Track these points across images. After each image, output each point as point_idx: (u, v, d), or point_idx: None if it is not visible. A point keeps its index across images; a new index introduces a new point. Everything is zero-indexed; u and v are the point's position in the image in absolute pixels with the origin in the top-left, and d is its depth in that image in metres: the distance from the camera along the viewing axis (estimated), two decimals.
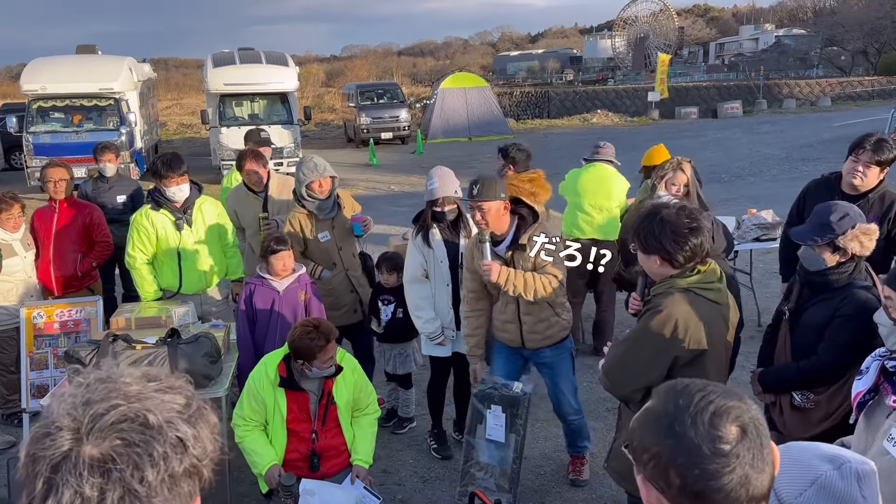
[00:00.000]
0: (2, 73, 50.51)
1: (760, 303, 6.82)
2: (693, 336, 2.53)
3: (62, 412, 0.95)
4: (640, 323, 2.64)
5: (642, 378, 2.57)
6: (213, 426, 1.05)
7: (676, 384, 1.27)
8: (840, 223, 3.02)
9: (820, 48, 51.04)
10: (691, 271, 2.59)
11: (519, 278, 3.73)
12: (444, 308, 4.37)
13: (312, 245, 4.76)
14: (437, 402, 4.71)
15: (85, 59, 17.95)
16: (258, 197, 5.49)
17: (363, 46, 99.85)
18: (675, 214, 2.54)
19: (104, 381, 0.99)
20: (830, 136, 20.22)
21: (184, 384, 1.06)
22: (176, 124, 35.53)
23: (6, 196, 5.10)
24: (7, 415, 5.20)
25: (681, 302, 2.54)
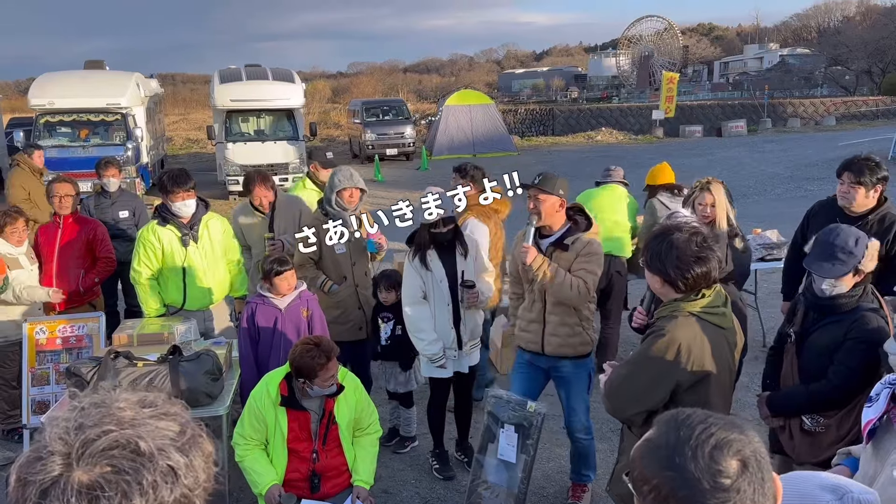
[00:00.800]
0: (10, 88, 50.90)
1: (766, 323, 6.78)
2: (696, 361, 2.50)
3: (54, 436, 0.94)
4: (643, 346, 2.62)
5: (644, 402, 2.54)
6: (208, 455, 1.03)
7: (678, 414, 1.25)
8: (858, 248, 3.01)
9: (824, 67, 51.19)
10: (696, 295, 2.56)
11: (551, 269, 3.77)
12: (445, 328, 4.34)
13: (327, 253, 4.78)
14: (438, 422, 4.67)
15: (93, 75, 18.08)
16: (264, 217, 5.50)
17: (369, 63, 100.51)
18: (686, 240, 2.50)
19: (98, 406, 0.98)
20: (835, 156, 20.18)
21: (179, 410, 1.04)
22: (182, 139, 35.72)
23: (10, 210, 5.13)
24: (7, 430, 5.18)
25: (684, 326, 2.52)
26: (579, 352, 3.95)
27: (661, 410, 2.41)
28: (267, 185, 5.49)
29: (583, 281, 3.78)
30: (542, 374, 4.12)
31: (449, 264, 4.31)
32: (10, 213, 5.09)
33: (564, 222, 3.93)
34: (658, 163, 6.33)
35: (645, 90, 51.97)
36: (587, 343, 3.97)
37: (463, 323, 4.37)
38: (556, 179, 3.86)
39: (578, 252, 3.83)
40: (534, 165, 21.82)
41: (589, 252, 3.84)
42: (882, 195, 4.16)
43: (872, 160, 4.13)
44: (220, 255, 4.97)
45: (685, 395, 2.50)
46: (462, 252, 4.33)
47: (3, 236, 5.02)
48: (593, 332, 4.02)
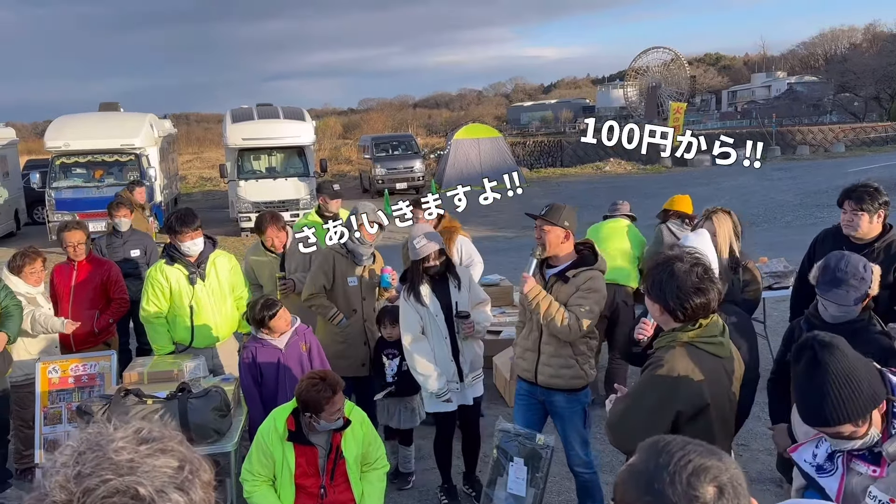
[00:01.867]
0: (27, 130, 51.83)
1: (776, 352, 6.73)
2: (694, 391, 2.52)
3: (55, 485, 0.96)
4: (643, 377, 2.64)
5: (645, 433, 2.52)
6: (207, 483, 1.05)
7: (659, 441, 1.29)
8: (868, 273, 3.04)
9: (832, 94, 51.25)
10: (693, 325, 2.59)
11: (545, 301, 3.79)
12: (445, 361, 4.36)
13: (339, 285, 4.84)
14: (446, 457, 4.67)
15: (107, 117, 18.45)
16: (275, 256, 5.59)
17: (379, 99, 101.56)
18: (687, 271, 2.53)
19: (94, 450, 1.00)
20: (845, 183, 19.93)
21: (176, 445, 1.06)
22: (196, 178, 36.14)
23: (28, 251, 5.21)
24: (21, 470, 5.22)
25: (682, 356, 2.54)
26: (571, 385, 3.94)
27: None
28: (279, 226, 5.60)
29: (575, 317, 3.77)
30: (540, 406, 4.13)
31: (443, 297, 4.36)
32: (29, 253, 5.18)
33: (571, 254, 3.95)
34: (667, 192, 6.45)
35: (653, 120, 52.22)
36: (580, 377, 3.94)
37: (462, 355, 4.39)
38: (562, 211, 3.89)
39: (578, 286, 3.84)
40: (542, 197, 21.91)
41: (589, 287, 3.83)
42: (886, 221, 4.18)
43: (871, 186, 4.16)
44: (228, 291, 5.04)
45: (687, 425, 2.51)
46: (455, 284, 4.37)
47: (22, 276, 5.11)
48: (591, 367, 4.00)
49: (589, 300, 3.82)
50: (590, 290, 3.83)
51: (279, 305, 4.28)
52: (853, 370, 2.03)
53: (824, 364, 2.04)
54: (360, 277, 4.90)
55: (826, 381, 2.03)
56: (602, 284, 3.93)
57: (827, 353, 2.06)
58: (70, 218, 15.74)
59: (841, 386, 2.01)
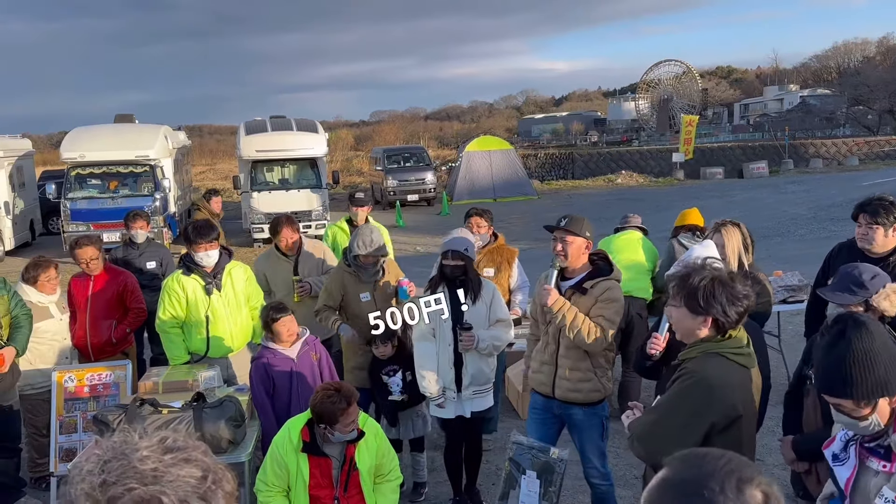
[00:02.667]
0: (43, 141, 52.39)
1: (790, 367, 6.68)
2: (728, 401, 2.52)
3: (81, 493, 0.97)
4: (674, 389, 2.61)
5: (678, 445, 2.50)
6: (229, 494, 1.06)
7: (691, 453, 1.29)
8: (873, 282, 3.03)
9: (846, 108, 51.02)
10: (723, 336, 2.59)
11: (570, 312, 3.77)
12: (445, 367, 4.39)
13: (353, 303, 4.89)
14: (456, 468, 4.66)
15: (122, 128, 18.62)
16: (289, 260, 5.63)
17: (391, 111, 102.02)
18: (730, 278, 2.58)
19: (119, 458, 1.01)
20: (859, 196, 19.85)
21: (200, 455, 1.06)
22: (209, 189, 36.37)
23: (40, 260, 5.24)
24: (36, 479, 5.24)
25: (714, 367, 2.54)
26: (590, 398, 3.92)
27: None
28: (293, 228, 5.66)
29: (599, 327, 3.78)
30: (556, 420, 4.11)
31: (457, 306, 4.36)
32: (41, 262, 5.20)
33: (586, 265, 3.95)
34: (679, 205, 6.44)
35: (665, 133, 52.14)
36: (598, 390, 3.93)
37: (465, 366, 4.37)
38: (583, 221, 3.91)
39: (597, 297, 3.83)
40: (554, 209, 21.91)
41: (608, 298, 3.83)
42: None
43: (886, 199, 4.15)
44: (243, 302, 5.07)
45: (719, 436, 2.50)
46: (470, 297, 4.37)
47: (38, 286, 5.15)
48: (608, 380, 3.98)
49: (610, 310, 3.82)
50: (609, 300, 3.83)
51: (287, 312, 4.30)
52: (874, 353, 2.06)
53: (849, 338, 2.08)
54: (372, 292, 4.92)
55: (845, 354, 2.07)
56: (620, 294, 3.93)
57: (856, 329, 2.10)
58: (84, 228, 15.98)
59: (856, 362, 2.05)
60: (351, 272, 4.93)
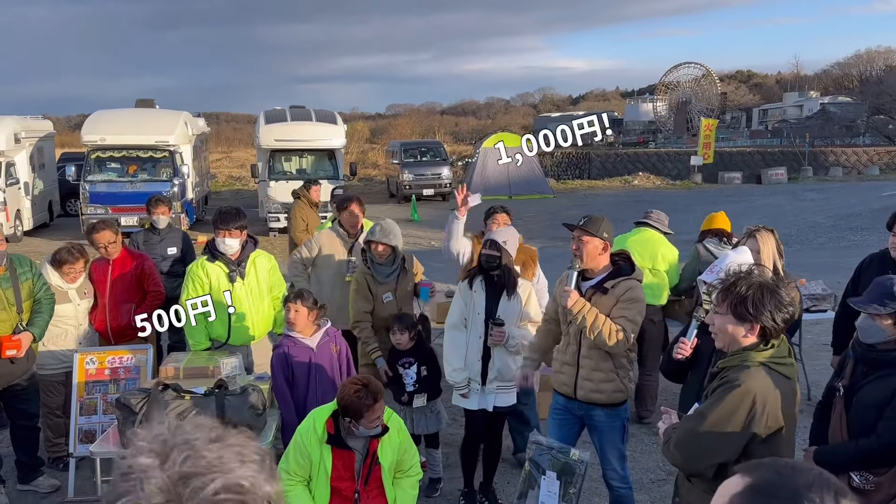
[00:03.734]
0: (63, 123, 52.74)
1: (810, 376, 6.63)
2: (771, 412, 2.49)
3: (154, 490, 0.94)
4: (715, 397, 2.57)
5: (718, 454, 2.51)
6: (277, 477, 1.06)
7: (777, 462, 1.27)
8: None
9: (867, 116, 50.52)
10: (766, 345, 2.56)
11: (591, 313, 3.75)
12: (473, 359, 4.41)
13: (376, 304, 4.93)
14: (470, 461, 4.68)
15: (143, 113, 18.72)
16: (349, 241, 5.66)
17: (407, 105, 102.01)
18: (777, 288, 2.54)
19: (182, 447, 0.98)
20: (880, 206, 19.88)
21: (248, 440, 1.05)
22: (225, 176, 36.52)
23: (73, 249, 5.22)
24: (53, 459, 5.28)
25: (759, 376, 2.51)
26: (612, 399, 3.90)
27: (732, 463, 2.40)
28: (361, 207, 5.72)
29: (621, 328, 3.76)
30: (576, 421, 4.09)
31: (492, 300, 4.38)
32: (74, 252, 5.17)
33: (607, 266, 3.93)
34: (697, 209, 6.31)
35: (682, 136, 51.84)
36: (621, 391, 3.91)
37: (492, 360, 4.40)
38: (601, 222, 3.88)
39: (619, 297, 3.81)
40: (569, 208, 21.85)
41: (630, 298, 3.81)
42: None
43: None
44: (266, 291, 5.08)
45: (759, 447, 2.48)
46: (509, 292, 4.37)
47: (61, 272, 5.16)
48: (629, 381, 3.97)
49: (632, 310, 3.80)
50: (630, 300, 3.81)
51: (302, 301, 4.29)
52: None
53: None
54: (394, 292, 4.94)
55: None
56: (642, 294, 3.91)
57: None
58: (103, 211, 16.08)
59: None
60: (372, 274, 4.94)
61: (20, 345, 4.60)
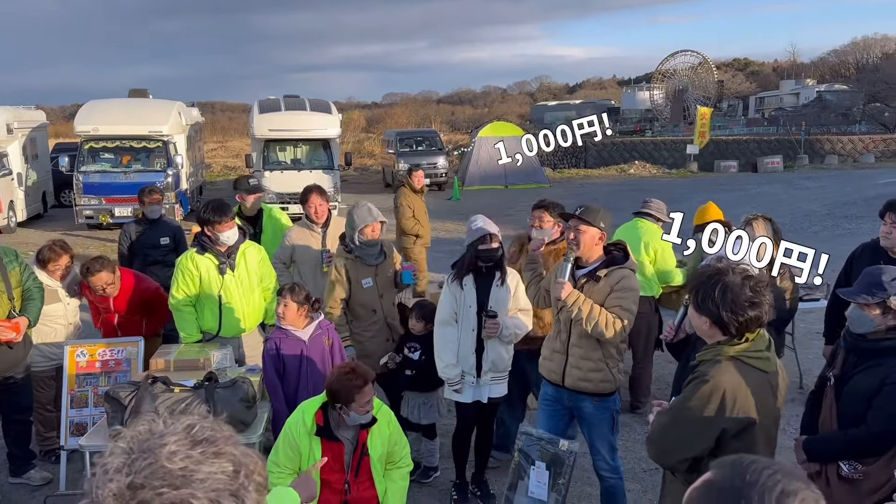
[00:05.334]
0: (56, 113, 52.38)
1: (802, 364, 6.66)
2: (741, 407, 2.47)
3: (109, 494, 0.94)
4: (686, 392, 2.58)
5: (688, 449, 2.51)
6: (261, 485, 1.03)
7: (741, 459, 1.26)
8: (892, 283, 3.00)
9: (863, 104, 50.46)
10: (740, 339, 2.55)
11: (586, 304, 3.74)
12: (467, 353, 4.38)
13: (355, 290, 4.85)
14: (462, 452, 4.68)
15: (136, 103, 18.61)
16: (318, 231, 5.63)
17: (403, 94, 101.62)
18: (740, 284, 2.50)
19: (146, 455, 0.97)
20: (875, 194, 19.88)
21: (230, 447, 1.03)
22: (220, 166, 36.38)
23: (56, 245, 5.14)
24: (45, 452, 5.27)
25: (728, 371, 2.49)
26: (600, 389, 3.90)
27: (707, 457, 2.39)
28: (323, 196, 5.68)
29: (617, 318, 3.75)
30: (566, 412, 4.10)
31: (482, 292, 4.35)
32: (56, 248, 5.10)
33: (600, 256, 3.92)
34: (693, 197, 6.26)
35: (679, 124, 51.75)
36: (609, 381, 3.91)
37: (486, 352, 4.38)
38: (598, 212, 3.86)
39: (612, 286, 3.80)
40: (566, 198, 21.71)
41: (624, 287, 3.80)
42: None
43: None
44: (256, 283, 5.06)
45: (732, 441, 2.47)
46: (499, 280, 4.35)
47: (47, 270, 5.12)
48: (619, 371, 3.97)
49: (627, 300, 3.79)
50: (625, 288, 3.80)
51: (292, 296, 4.27)
52: None
53: None
54: (374, 277, 4.89)
55: None
56: (636, 283, 3.90)
57: None
58: (97, 202, 16.02)
59: None
60: (352, 257, 4.86)
61: (18, 327, 4.59)
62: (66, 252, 5.16)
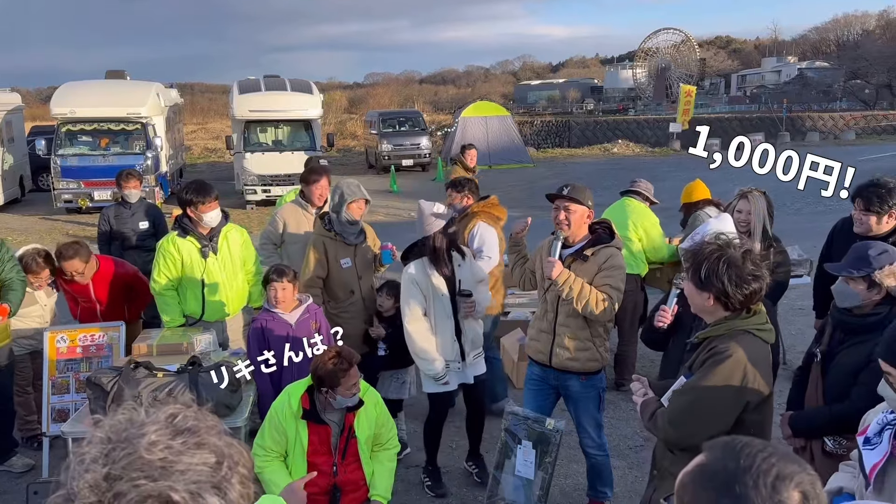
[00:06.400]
0: (32, 96, 51.51)
1: (785, 340, 6.69)
2: (760, 379, 2.50)
3: (84, 485, 0.91)
4: (706, 370, 2.53)
5: (714, 427, 2.44)
6: (245, 477, 0.99)
7: (733, 441, 1.24)
8: (878, 258, 3.00)
9: (843, 81, 50.78)
10: (748, 312, 2.56)
11: (577, 283, 3.73)
12: (448, 342, 4.30)
13: (334, 269, 4.78)
14: (434, 439, 4.59)
15: (114, 84, 18.32)
16: (313, 213, 5.49)
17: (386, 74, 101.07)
18: (741, 258, 2.51)
19: (125, 445, 0.94)
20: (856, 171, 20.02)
21: (213, 438, 0.99)
22: (201, 149, 36.01)
23: (38, 255, 5.02)
24: (27, 438, 5.21)
25: (744, 344, 2.50)
26: (587, 368, 3.90)
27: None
28: (330, 180, 5.52)
29: (607, 296, 3.75)
30: (552, 391, 4.10)
31: (449, 276, 4.29)
32: (38, 261, 4.97)
33: (586, 235, 3.91)
34: (677, 175, 6.25)
35: (661, 102, 51.84)
36: (596, 360, 3.91)
37: (464, 334, 4.35)
38: (585, 190, 3.87)
39: (600, 265, 3.79)
40: (550, 178, 21.82)
41: (612, 265, 3.80)
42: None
43: (884, 186, 4.08)
44: (239, 266, 4.99)
45: (751, 415, 2.49)
46: (459, 261, 4.32)
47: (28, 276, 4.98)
48: (605, 350, 3.97)
49: (614, 278, 3.79)
50: (612, 266, 3.80)
51: (286, 278, 4.22)
52: None
53: None
54: (353, 258, 4.82)
55: None
56: (623, 261, 3.90)
57: None
58: (75, 186, 15.79)
59: None
60: (332, 236, 4.77)
61: (6, 309, 4.54)
62: (48, 265, 5.01)
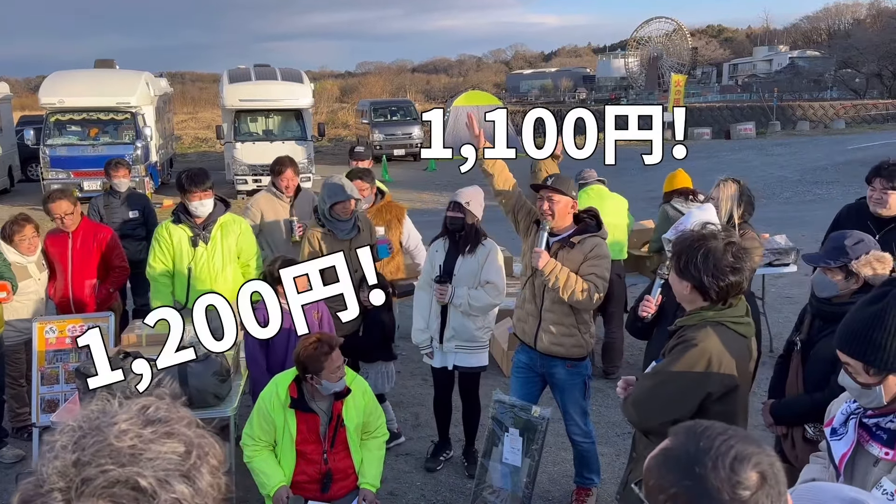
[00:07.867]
0: (20, 85, 51.06)
1: (772, 328, 6.77)
2: (726, 371, 2.52)
3: (53, 471, 0.93)
4: (672, 356, 2.59)
5: (673, 413, 2.52)
6: (215, 469, 1.00)
7: (696, 426, 1.27)
8: (854, 248, 3.02)
9: (834, 70, 50.90)
10: (724, 304, 2.58)
11: (563, 273, 3.78)
12: (433, 317, 4.48)
13: None
14: (439, 414, 4.81)
15: (103, 74, 18.19)
16: (286, 201, 5.56)
17: (377, 63, 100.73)
18: (722, 249, 2.53)
19: (95, 433, 0.96)
20: (844, 160, 20.14)
21: (184, 428, 1.00)
22: (191, 138, 35.82)
23: (18, 218, 5.07)
24: (17, 428, 5.22)
25: (714, 335, 2.53)
26: (572, 353, 3.96)
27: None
28: (296, 170, 5.63)
29: (593, 285, 3.79)
30: (539, 379, 4.15)
31: (451, 260, 4.39)
32: (18, 220, 5.03)
33: (571, 224, 3.96)
34: (667, 165, 6.27)
35: (653, 91, 51.83)
36: (581, 346, 3.97)
37: (448, 319, 4.42)
38: (568, 180, 3.95)
39: (586, 254, 3.84)
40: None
41: (598, 254, 3.85)
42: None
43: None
44: (233, 257, 4.97)
45: (714, 405, 2.51)
46: (468, 250, 4.37)
47: (13, 244, 5.02)
48: (591, 336, 4.03)
49: (600, 266, 3.83)
50: (598, 256, 3.85)
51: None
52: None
53: (889, 303, 1.92)
54: (347, 252, 4.81)
55: (876, 315, 1.93)
56: (608, 250, 3.95)
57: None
58: (65, 176, 15.71)
59: (886, 327, 1.91)
60: (325, 231, 4.79)
61: (7, 287, 4.59)
62: (28, 222, 5.06)
